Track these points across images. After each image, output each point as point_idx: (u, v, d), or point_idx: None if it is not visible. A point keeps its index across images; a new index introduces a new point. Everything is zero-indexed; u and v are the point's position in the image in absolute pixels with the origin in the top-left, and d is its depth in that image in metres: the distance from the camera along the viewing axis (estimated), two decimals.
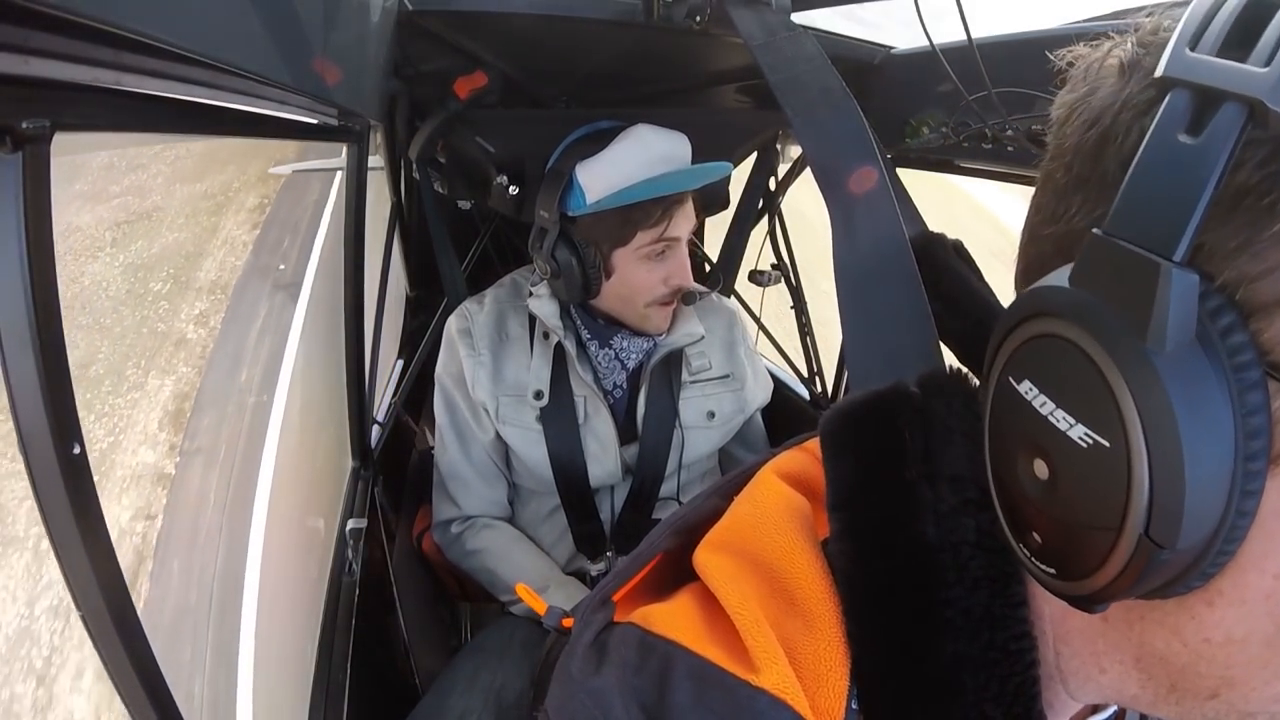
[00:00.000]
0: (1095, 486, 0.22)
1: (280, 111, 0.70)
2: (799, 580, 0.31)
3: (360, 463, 1.17)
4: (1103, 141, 0.23)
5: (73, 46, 0.36)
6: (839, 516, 0.31)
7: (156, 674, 0.49)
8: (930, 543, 0.29)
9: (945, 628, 0.28)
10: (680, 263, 0.98)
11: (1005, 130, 0.77)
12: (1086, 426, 0.22)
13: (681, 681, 0.29)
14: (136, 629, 0.47)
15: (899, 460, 0.30)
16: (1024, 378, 0.24)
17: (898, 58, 1.04)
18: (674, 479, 1.10)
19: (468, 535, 1.07)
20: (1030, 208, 0.28)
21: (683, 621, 0.32)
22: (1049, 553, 0.25)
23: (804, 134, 0.48)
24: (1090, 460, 0.22)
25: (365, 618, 0.96)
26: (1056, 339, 0.23)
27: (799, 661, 0.29)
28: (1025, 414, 0.24)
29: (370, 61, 0.81)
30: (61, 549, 0.42)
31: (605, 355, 1.04)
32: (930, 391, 0.31)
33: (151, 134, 0.50)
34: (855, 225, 0.43)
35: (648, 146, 0.94)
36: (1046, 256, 0.26)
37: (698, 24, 0.88)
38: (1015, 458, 0.25)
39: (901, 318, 0.38)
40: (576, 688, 0.31)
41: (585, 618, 0.35)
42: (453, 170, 1.27)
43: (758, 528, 0.34)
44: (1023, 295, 0.25)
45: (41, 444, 0.39)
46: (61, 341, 0.39)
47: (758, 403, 1.18)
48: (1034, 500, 0.24)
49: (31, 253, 0.36)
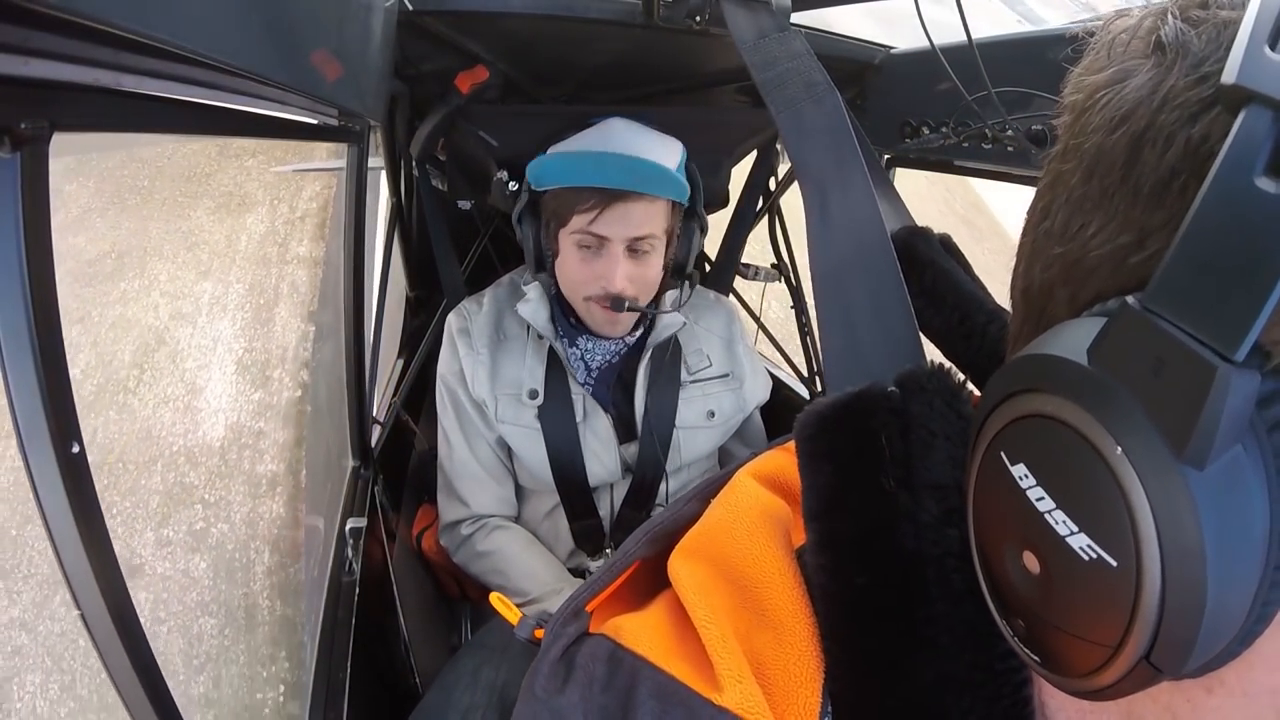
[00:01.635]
0: (1093, 602, 0.19)
1: (280, 112, 0.70)
2: (770, 590, 0.30)
3: (360, 462, 1.17)
4: (1135, 147, 0.19)
5: (72, 46, 0.36)
6: (815, 527, 0.29)
7: (156, 674, 0.49)
8: (910, 555, 0.26)
9: (927, 645, 0.26)
10: (610, 264, 0.93)
11: (1005, 130, 0.77)
12: (1091, 539, 0.18)
13: (646, 699, 0.28)
14: (136, 629, 0.47)
15: (876, 467, 0.28)
16: (1019, 459, 0.21)
17: (898, 58, 1.04)
18: (673, 478, 1.11)
19: (479, 537, 1.07)
20: (1035, 208, 0.24)
21: (652, 635, 0.31)
22: (1034, 644, 0.22)
23: (785, 127, 0.48)
24: (1091, 574, 0.19)
25: (365, 617, 0.96)
26: (1065, 427, 0.19)
27: (768, 677, 0.28)
28: (1017, 501, 0.20)
29: (370, 62, 0.81)
30: (61, 548, 0.42)
31: (573, 354, 1.04)
32: (909, 391, 0.28)
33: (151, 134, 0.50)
34: (830, 216, 0.41)
35: (607, 138, 0.93)
36: (1053, 284, 0.22)
37: (698, 24, 0.88)
38: (1002, 542, 0.22)
39: (879, 312, 0.35)
40: (540, 706, 0.30)
41: (555, 630, 0.33)
42: (453, 168, 1.27)
43: (731, 533, 0.32)
44: (1026, 359, 0.21)
45: (41, 443, 0.39)
46: (60, 341, 0.39)
47: (757, 401, 1.18)
48: (1020, 592, 0.21)
49: (30, 252, 0.36)
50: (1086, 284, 0.20)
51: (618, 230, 0.92)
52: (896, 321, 0.35)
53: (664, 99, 1.24)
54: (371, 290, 1.18)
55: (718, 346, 1.14)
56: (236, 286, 2.38)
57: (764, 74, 0.53)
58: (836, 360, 0.36)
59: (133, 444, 1.80)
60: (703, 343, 1.13)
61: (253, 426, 1.99)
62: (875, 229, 0.39)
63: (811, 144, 0.45)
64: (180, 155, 2.84)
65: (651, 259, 0.97)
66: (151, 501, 1.70)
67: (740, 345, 1.16)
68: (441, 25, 0.95)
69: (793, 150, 0.46)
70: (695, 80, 1.22)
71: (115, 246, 2.30)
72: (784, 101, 0.49)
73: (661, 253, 0.98)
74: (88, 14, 0.29)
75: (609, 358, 1.04)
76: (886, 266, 0.37)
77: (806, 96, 0.48)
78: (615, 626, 0.32)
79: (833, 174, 0.43)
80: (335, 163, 3.01)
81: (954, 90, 0.75)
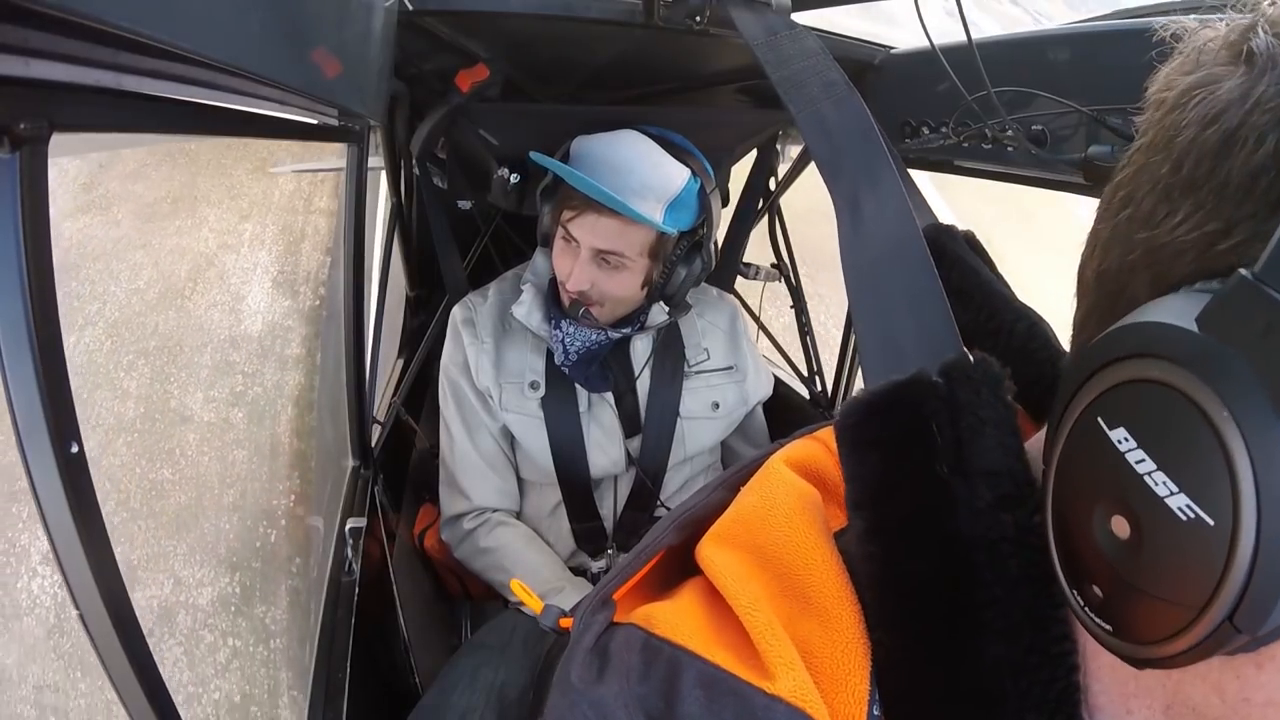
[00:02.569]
0: (1185, 563, 0.20)
1: (280, 111, 0.70)
2: (813, 577, 0.29)
3: (360, 462, 1.17)
4: (1226, 144, 0.20)
5: (72, 46, 0.36)
6: (863, 515, 0.29)
7: (155, 674, 0.49)
8: (966, 540, 0.27)
9: (986, 630, 0.26)
10: (577, 265, 0.96)
11: (1005, 130, 0.77)
12: (1190, 499, 0.19)
13: (691, 690, 0.27)
14: (135, 629, 0.47)
15: (928, 454, 0.28)
16: (1118, 424, 0.21)
17: (898, 57, 1.04)
18: (676, 472, 1.11)
19: (480, 532, 1.07)
20: (1115, 198, 0.25)
21: (689, 623, 0.31)
22: (1109, 611, 0.22)
23: (807, 129, 0.48)
24: (1186, 534, 0.19)
25: (365, 617, 0.96)
26: (1171, 391, 0.20)
27: (815, 665, 0.28)
28: (1113, 464, 0.21)
29: (370, 61, 0.81)
30: (59, 548, 0.42)
31: (554, 336, 1.05)
32: (956, 380, 0.28)
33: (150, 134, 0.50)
34: (862, 215, 0.41)
35: (607, 151, 0.94)
36: (1134, 267, 0.23)
37: (698, 24, 0.88)
38: (1090, 507, 0.22)
39: (915, 306, 0.36)
40: (578, 697, 0.29)
41: (585, 619, 0.33)
42: (454, 165, 1.27)
43: (767, 520, 0.32)
44: (1127, 328, 0.22)
45: (39, 443, 0.39)
46: (59, 340, 0.39)
47: (759, 395, 1.19)
48: (1104, 556, 0.22)
49: (29, 252, 0.36)
50: (1172, 267, 0.22)
51: (586, 237, 0.94)
52: (933, 314, 0.35)
53: (664, 99, 1.24)
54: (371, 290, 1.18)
55: (721, 340, 1.15)
56: (271, 227, 2.97)
57: (779, 72, 0.53)
58: (874, 353, 0.36)
59: (188, 333, 2.34)
60: (704, 336, 1.14)
61: (283, 323, 2.56)
62: (908, 225, 0.39)
63: (838, 145, 0.46)
64: None
65: (621, 275, 0.97)
66: (202, 372, 2.25)
67: (744, 340, 1.17)
68: (441, 25, 0.95)
69: (818, 151, 0.46)
70: (695, 81, 1.22)
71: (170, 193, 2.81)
72: (804, 101, 0.49)
73: (638, 272, 0.98)
74: (88, 14, 0.29)
75: (588, 345, 1.04)
76: (921, 261, 0.37)
77: (826, 96, 0.49)
78: (646, 615, 0.32)
79: (863, 173, 0.43)
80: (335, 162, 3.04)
81: (954, 90, 0.75)
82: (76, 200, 2.47)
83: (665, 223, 0.94)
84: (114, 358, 2.12)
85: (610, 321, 1.04)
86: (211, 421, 2.18)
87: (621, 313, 1.04)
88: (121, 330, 2.16)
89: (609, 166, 0.92)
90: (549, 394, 1.04)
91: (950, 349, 0.34)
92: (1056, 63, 0.75)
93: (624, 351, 1.08)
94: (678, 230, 0.97)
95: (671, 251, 0.99)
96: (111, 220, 2.46)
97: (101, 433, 2.03)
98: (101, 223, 2.43)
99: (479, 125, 1.12)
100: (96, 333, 2.10)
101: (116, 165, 2.61)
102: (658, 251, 0.98)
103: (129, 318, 2.22)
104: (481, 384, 1.05)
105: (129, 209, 2.49)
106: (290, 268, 2.79)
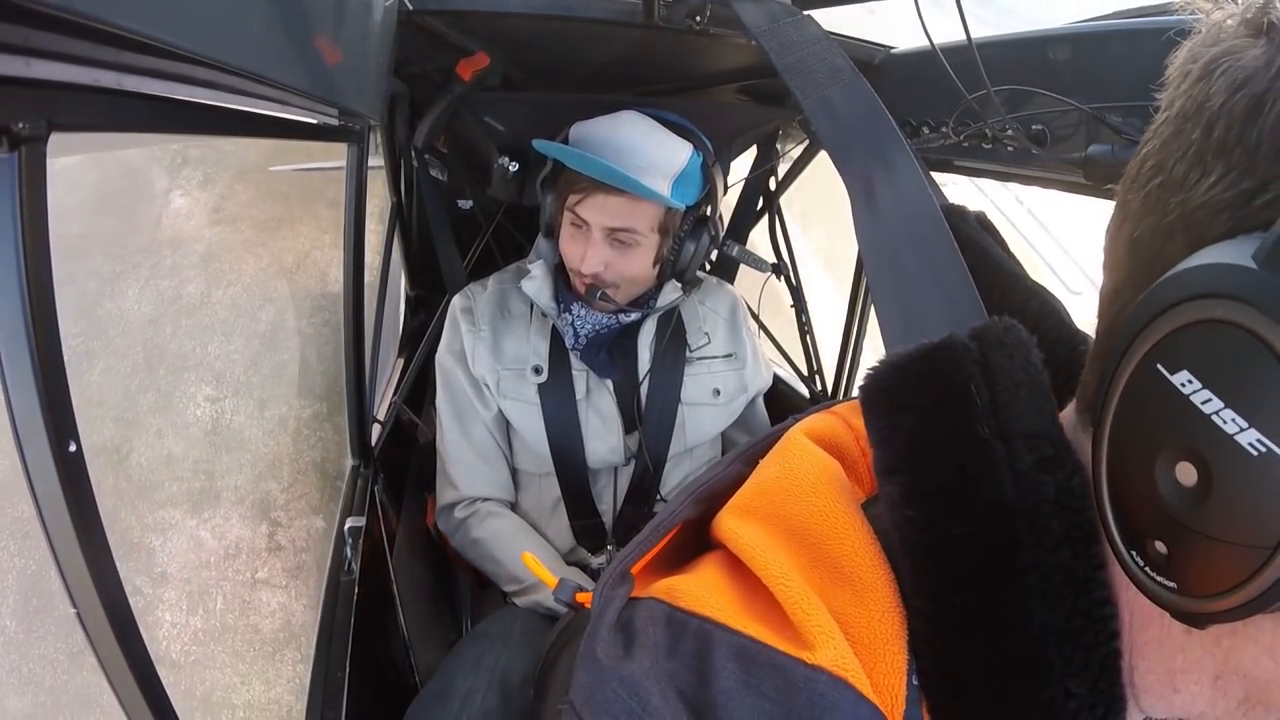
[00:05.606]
0: (1259, 500, 0.19)
1: (280, 111, 0.70)
2: (844, 547, 0.29)
3: (360, 461, 1.17)
4: (1255, 108, 0.21)
5: (72, 46, 0.36)
6: (899, 480, 0.28)
7: (152, 674, 0.49)
8: (1009, 504, 0.26)
9: (1031, 595, 0.26)
10: (589, 247, 0.96)
11: (1005, 130, 0.77)
12: (1262, 432, 0.19)
13: (724, 664, 0.27)
14: (132, 628, 0.47)
15: (966, 416, 0.27)
16: (1180, 367, 0.21)
17: (897, 57, 1.04)
18: (677, 465, 1.11)
19: (472, 522, 1.08)
20: (1145, 167, 0.25)
21: (715, 596, 0.30)
22: (1174, 566, 0.22)
23: (815, 115, 0.48)
24: (1258, 470, 0.19)
25: (365, 616, 0.96)
26: (1235, 328, 0.20)
27: (852, 636, 0.27)
28: (1178, 409, 0.21)
29: (370, 61, 0.81)
30: (57, 548, 0.42)
31: (563, 321, 1.05)
32: (989, 344, 0.28)
33: (150, 134, 0.50)
34: (877, 197, 0.41)
35: (610, 132, 0.94)
36: (1171, 230, 0.23)
37: (698, 24, 0.88)
38: (1153, 457, 0.22)
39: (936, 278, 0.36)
40: (607, 674, 0.28)
41: (605, 594, 0.32)
42: (454, 160, 1.28)
43: (791, 491, 0.31)
44: (1183, 272, 0.22)
45: (38, 442, 0.39)
46: (58, 339, 0.39)
47: (759, 384, 1.19)
48: (1169, 507, 0.22)
49: (28, 251, 0.36)
50: (1210, 227, 0.22)
51: (597, 217, 0.95)
52: (954, 285, 0.35)
53: (664, 98, 1.24)
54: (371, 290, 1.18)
55: (722, 327, 1.16)
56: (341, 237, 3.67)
57: (783, 59, 0.53)
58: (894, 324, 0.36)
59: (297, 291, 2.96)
60: (705, 322, 1.14)
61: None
62: (926, 202, 0.39)
63: (848, 129, 0.46)
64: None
65: (634, 252, 0.98)
66: (309, 311, 2.88)
67: (743, 329, 1.18)
68: (441, 24, 0.95)
69: (827, 136, 0.46)
70: (695, 80, 1.22)
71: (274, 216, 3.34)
72: (810, 87, 0.49)
73: (650, 249, 0.99)
74: (88, 14, 0.29)
75: (598, 328, 1.05)
76: (939, 235, 0.37)
77: (833, 82, 0.49)
78: (668, 589, 0.31)
79: (875, 156, 0.43)
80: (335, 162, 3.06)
81: (954, 90, 0.75)
82: (210, 217, 3.05)
83: (673, 197, 0.95)
84: (247, 309, 2.78)
85: (626, 303, 1.05)
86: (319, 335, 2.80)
87: (634, 293, 1.05)
88: (253, 289, 2.84)
89: (612, 147, 0.93)
90: (549, 379, 1.05)
91: (974, 316, 0.33)
92: (1056, 62, 0.75)
93: (630, 336, 1.08)
94: (684, 205, 0.98)
95: (680, 227, 1.00)
96: (238, 230, 3.04)
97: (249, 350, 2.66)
98: (231, 231, 3.03)
99: (483, 113, 1.12)
100: (235, 290, 2.81)
101: (234, 196, 3.13)
102: (667, 227, 0.99)
103: (260, 282, 2.89)
104: (478, 372, 1.05)
105: (248, 224, 3.06)
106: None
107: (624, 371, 1.08)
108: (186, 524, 2.16)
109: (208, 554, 2.12)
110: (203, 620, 1.98)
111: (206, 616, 1.98)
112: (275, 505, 2.26)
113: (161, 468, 2.27)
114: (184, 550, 2.11)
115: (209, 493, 2.24)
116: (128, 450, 2.29)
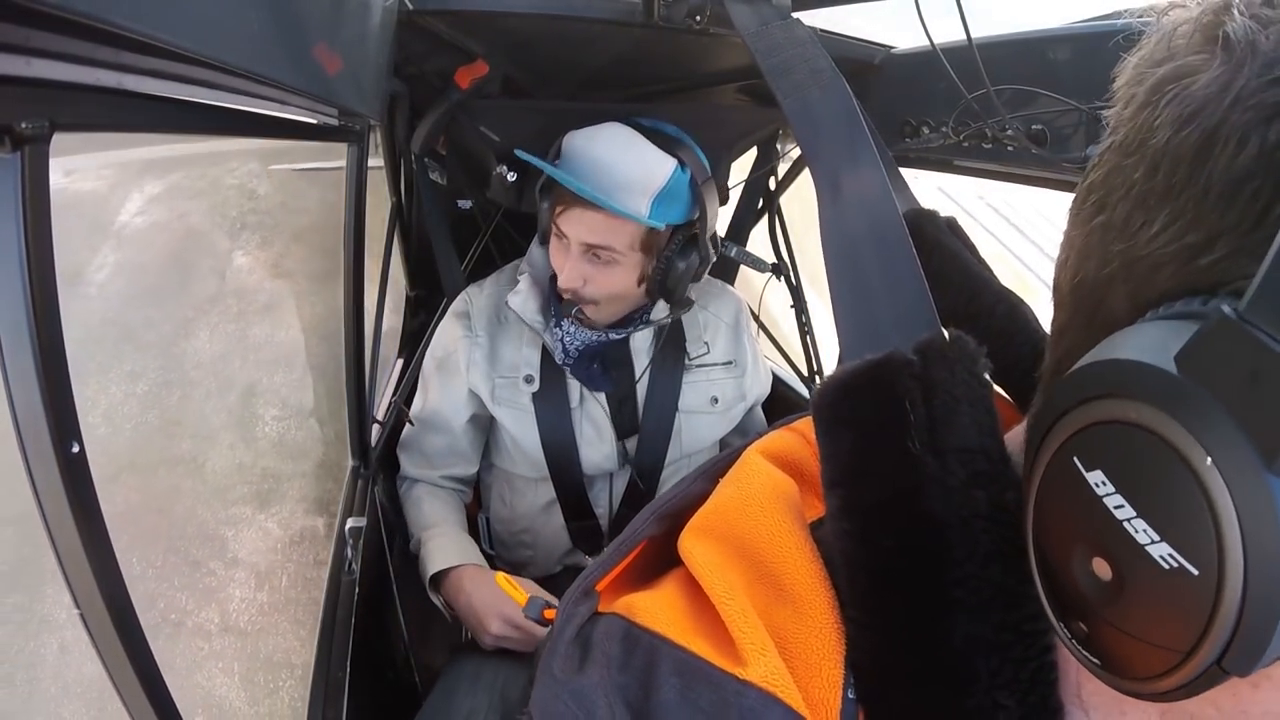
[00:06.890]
0: (1169, 610, 0.19)
1: (280, 111, 0.70)
2: (787, 565, 0.30)
3: (360, 461, 1.17)
4: (1205, 145, 0.19)
5: (73, 46, 0.36)
6: (838, 493, 0.29)
7: (156, 674, 0.49)
8: (938, 518, 0.26)
9: (957, 607, 0.26)
10: (568, 261, 0.95)
11: (1005, 130, 0.77)
12: (1173, 548, 0.18)
13: (668, 678, 0.28)
14: (136, 629, 0.47)
15: (901, 432, 0.27)
16: (1095, 466, 0.20)
17: (897, 57, 1.04)
18: (674, 471, 1.10)
19: (405, 497, 1.13)
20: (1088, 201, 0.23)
21: (668, 612, 0.31)
22: (1096, 648, 0.22)
23: (792, 114, 0.48)
24: (1169, 582, 0.18)
25: (365, 616, 0.96)
26: (1151, 436, 0.18)
27: (790, 651, 0.28)
28: (1091, 508, 0.20)
29: (370, 61, 0.81)
30: (60, 549, 0.42)
31: (553, 335, 1.04)
32: (930, 358, 0.28)
33: (151, 134, 0.50)
34: (842, 195, 0.41)
35: (588, 145, 0.93)
36: (1111, 279, 0.22)
37: (698, 24, 0.88)
38: (1070, 547, 0.21)
39: (893, 285, 0.35)
40: (560, 688, 0.29)
41: (568, 610, 0.33)
42: (454, 162, 1.28)
43: (743, 510, 0.32)
44: (1106, 364, 0.20)
45: (41, 443, 0.39)
46: (61, 340, 0.39)
47: (757, 392, 1.18)
48: (1087, 597, 0.21)
49: (31, 251, 0.36)
50: (1150, 281, 0.20)
51: (575, 231, 0.93)
52: (910, 293, 0.35)
53: (664, 98, 1.24)
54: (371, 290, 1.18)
55: (724, 333, 1.14)
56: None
57: (768, 60, 0.52)
58: (851, 333, 0.36)
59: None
60: (705, 330, 1.13)
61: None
62: (887, 206, 0.39)
63: (820, 129, 0.46)
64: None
65: (613, 270, 0.95)
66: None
67: (746, 336, 1.16)
68: (441, 24, 0.95)
69: (801, 135, 0.46)
70: (695, 80, 1.22)
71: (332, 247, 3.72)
72: (790, 87, 0.49)
73: (631, 267, 0.96)
74: (89, 14, 0.29)
75: (587, 342, 1.04)
76: (899, 241, 0.37)
77: (813, 83, 0.48)
78: (627, 605, 0.32)
79: (844, 156, 0.43)
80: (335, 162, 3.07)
81: (954, 89, 0.75)
82: (270, 272, 3.29)
83: (652, 216, 0.91)
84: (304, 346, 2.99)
85: (607, 323, 1.03)
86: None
87: (620, 310, 1.03)
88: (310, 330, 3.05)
89: (591, 161, 0.91)
90: (543, 387, 1.04)
91: (927, 329, 0.33)
92: (1056, 62, 0.75)
93: (624, 347, 1.07)
94: (667, 224, 0.94)
95: (666, 245, 0.97)
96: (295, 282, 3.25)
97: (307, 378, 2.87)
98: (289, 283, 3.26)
99: (480, 122, 1.12)
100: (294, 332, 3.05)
101: (290, 254, 3.39)
102: (650, 245, 0.95)
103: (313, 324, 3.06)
104: (473, 381, 1.05)
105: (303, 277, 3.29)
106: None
107: (618, 381, 1.07)
108: (256, 518, 2.39)
109: (274, 541, 2.34)
110: (268, 595, 2.19)
111: (272, 592, 2.20)
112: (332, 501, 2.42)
113: (233, 473, 2.52)
114: (253, 539, 2.33)
115: (275, 493, 2.48)
116: (204, 460, 2.54)
